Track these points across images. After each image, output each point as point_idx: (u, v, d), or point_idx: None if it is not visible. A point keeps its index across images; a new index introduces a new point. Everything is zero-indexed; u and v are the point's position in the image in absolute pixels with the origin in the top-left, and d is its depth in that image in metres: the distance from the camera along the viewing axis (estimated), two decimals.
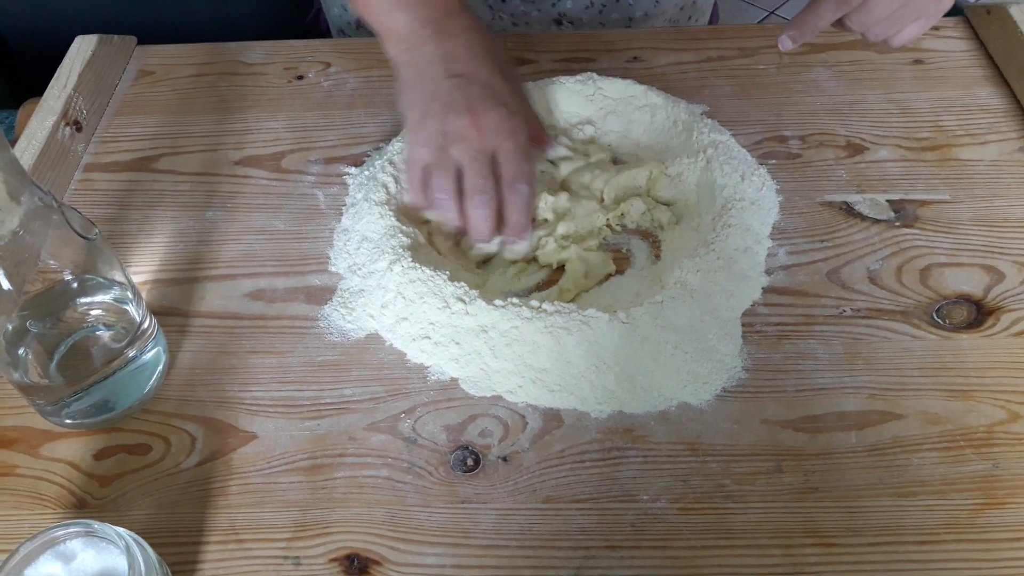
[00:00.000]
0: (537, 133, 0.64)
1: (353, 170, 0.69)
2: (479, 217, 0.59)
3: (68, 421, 0.54)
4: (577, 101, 0.71)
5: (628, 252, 0.64)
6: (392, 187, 0.64)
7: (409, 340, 0.58)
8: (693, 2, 0.91)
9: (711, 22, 1.00)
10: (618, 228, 0.65)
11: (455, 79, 0.59)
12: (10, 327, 0.49)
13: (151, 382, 0.56)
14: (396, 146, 0.67)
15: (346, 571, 0.48)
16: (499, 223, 0.60)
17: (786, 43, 0.64)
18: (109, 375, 0.53)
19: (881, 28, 0.61)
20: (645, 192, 0.67)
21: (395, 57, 0.63)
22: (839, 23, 0.61)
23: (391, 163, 0.66)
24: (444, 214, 0.60)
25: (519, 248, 0.62)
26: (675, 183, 0.66)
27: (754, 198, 0.63)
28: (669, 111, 0.70)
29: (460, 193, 0.59)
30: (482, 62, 0.60)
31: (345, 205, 0.67)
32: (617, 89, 0.71)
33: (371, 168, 0.67)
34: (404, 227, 0.62)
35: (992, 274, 0.61)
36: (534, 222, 0.63)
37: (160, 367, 0.56)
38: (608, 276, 0.62)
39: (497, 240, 0.62)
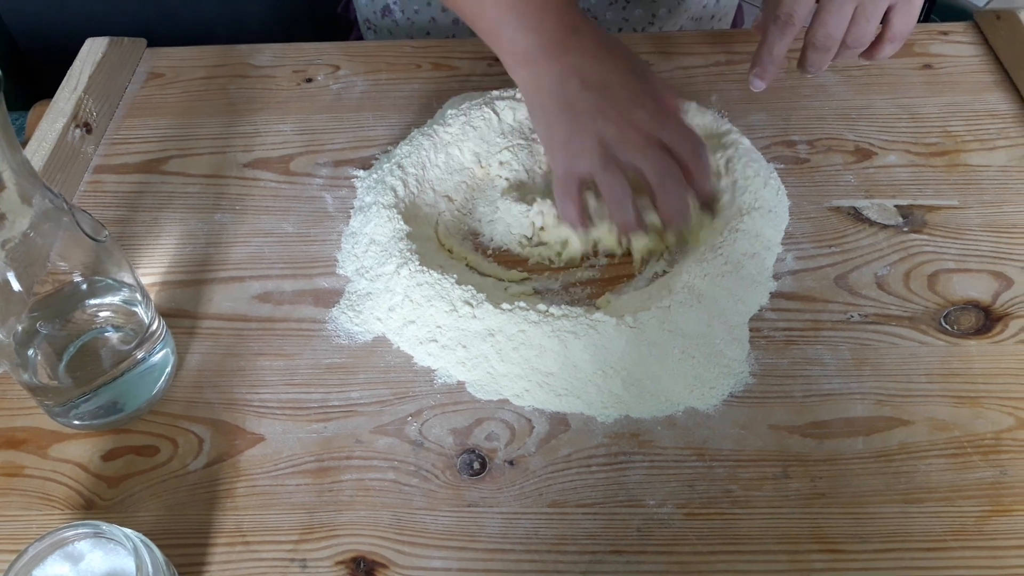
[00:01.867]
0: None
1: (361, 173, 0.70)
2: (678, 197, 0.57)
3: (76, 422, 0.54)
4: None
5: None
6: (400, 191, 0.65)
7: (416, 343, 0.58)
8: (716, 1, 0.91)
9: (735, 24, 1.00)
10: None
11: (594, 91, 0.58)
12: (20, 328, 0.49)
13: (159, 384, 0.56)
14: (404, 149, 0.68)
15: (352, 574, 0.48)
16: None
17: (757, 84, 0.65)
18: (118, 376, 0.53)
19: (858, 31, 0.60)
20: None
21: (522, 80, 0.62)
22: (811, 48, 0.61)
23: (399, 166, 0.66)
24: (621, 214, 0.58)
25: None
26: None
27: (771, 205, 0.63)
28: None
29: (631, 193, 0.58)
30: (614, 69, 0.59)
31: (353, 208, 0.67)
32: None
33: (379, 171, 0.68)
34: (412, 230, 0.62)
35: (1001, 280, 0.60)
36: None
37: (168, 369, 0.57)
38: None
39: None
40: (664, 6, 0.87)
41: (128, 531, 0.43)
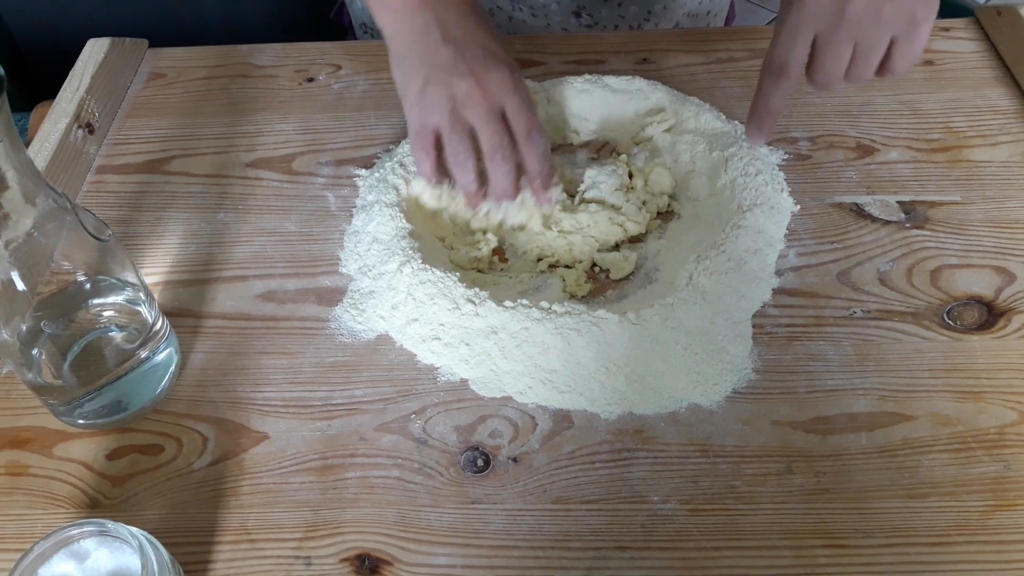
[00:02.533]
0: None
1: (363, 172, 0.70)
2: (502, 173, 0.60)
3: (81, 421, 0.54)
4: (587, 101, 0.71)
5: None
6: (403, 189, 0.65)
7: (419, 341, 0.58)
8: None
9: (727, 22, 0.99)
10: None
11: (453, 44, 0.60)
12: (24, 328, 0.49)
13: (163, 383, 0.56)
14: (406, 148, 0.68)
15: (357, 571, 0.49)
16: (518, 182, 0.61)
17: (756, 136, 0.62)
18: (121, 376, 0.53)
19: (857, 71, 0.56)
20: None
21: (387, 27, 0.63)
22: (813, 85, 0.58)
23: (401, 165, 0.66)
24: (463, 177, 0.61)
25: (546, 202, 0.62)
26: (696, 180, 0.67)
27: (774, 201, 0.63)
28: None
29: (476, 156, 0.60)
30: (476, 26, 0.61)
31: (355, 207, 0.67)
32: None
33: (381, 170, 0.68)
34: (414, 228, 0.62)
35: (1003, 275, 0.60)
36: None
37: (172, 368, 0.57)
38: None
39: (502, 212, 0.63)
40: (660, 3, 0.87)
41: (134, 529, 0.43)
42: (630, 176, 0.67)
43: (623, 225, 0.64)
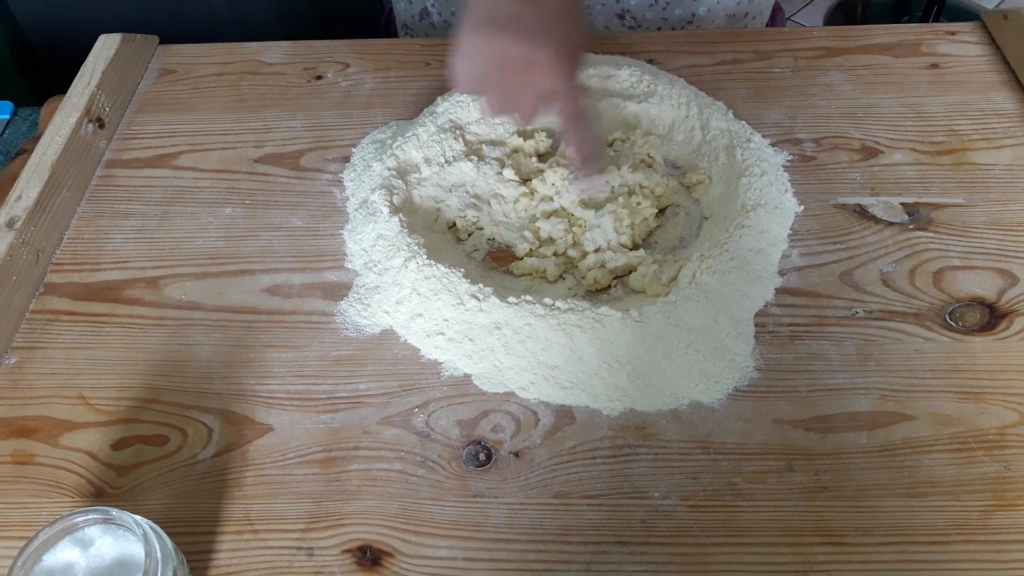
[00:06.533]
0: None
1: (357, 166, 0.70)
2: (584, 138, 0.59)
3: None
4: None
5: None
6: (401, 187, 0.65)
7: (423, 336, 0.58)
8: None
9: (772, 22, 0.97)
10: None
11: (519, 3, 0.55)
12: None
13: None
14: (399, 141, 0.68)
15: (359, 562, 0.49)
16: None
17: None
18: None
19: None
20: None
21: None
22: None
23: (395, 157, 0.67)
24: (513, 119, 0.66)
25: (596, 185, 0.64)
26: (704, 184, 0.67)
27: (777, 202, 0.63)
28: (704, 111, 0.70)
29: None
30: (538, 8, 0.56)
31: (350, 203, 0.68)
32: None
33: (378, 165, 0.68)
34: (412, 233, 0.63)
35: (1006, 278, 0.61)
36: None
37: None
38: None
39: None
40: (704, 5, 0.86)
41: (138, 517, 0.43)
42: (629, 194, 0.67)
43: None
